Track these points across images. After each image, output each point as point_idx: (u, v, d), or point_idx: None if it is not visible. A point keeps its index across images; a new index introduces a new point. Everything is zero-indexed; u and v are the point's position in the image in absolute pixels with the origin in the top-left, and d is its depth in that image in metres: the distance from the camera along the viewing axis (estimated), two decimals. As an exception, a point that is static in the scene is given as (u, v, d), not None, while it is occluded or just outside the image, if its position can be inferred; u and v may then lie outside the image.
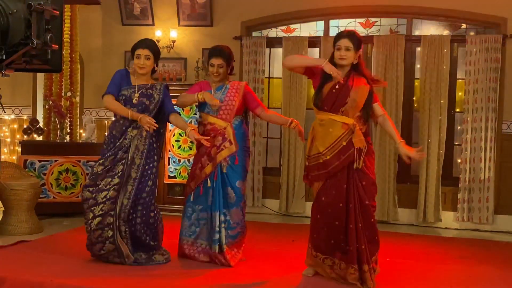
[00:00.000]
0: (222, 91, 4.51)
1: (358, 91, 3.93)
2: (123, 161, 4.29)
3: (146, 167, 4.33)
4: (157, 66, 4.55)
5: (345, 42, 3.91)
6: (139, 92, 4.37)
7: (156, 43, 4.62)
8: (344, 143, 3.88)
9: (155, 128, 4.23)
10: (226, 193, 4.41)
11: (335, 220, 3.91)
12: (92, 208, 4.25)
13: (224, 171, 4.41)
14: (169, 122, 4.54)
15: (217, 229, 4.38)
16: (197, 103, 4.53)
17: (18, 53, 1.66)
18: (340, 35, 3.98)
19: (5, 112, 7.43)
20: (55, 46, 1.72)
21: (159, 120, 4.40)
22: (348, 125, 3.90)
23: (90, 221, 4.25)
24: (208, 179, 4.45)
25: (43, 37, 1.66)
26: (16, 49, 1.67)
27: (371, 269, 3.88)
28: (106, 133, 4.48)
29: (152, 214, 4.35)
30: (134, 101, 4.34)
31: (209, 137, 4.34)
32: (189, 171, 4.67)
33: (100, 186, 4.27)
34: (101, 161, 4.32)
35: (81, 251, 4.58)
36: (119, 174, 4.27)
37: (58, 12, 1.70)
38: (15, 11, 1.63)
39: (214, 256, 4.40)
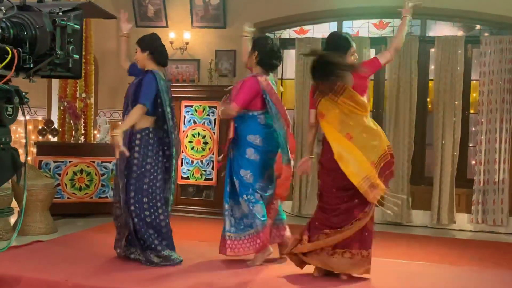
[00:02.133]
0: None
1: None
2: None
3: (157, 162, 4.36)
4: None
5: None
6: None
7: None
8: None
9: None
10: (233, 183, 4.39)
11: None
12: None
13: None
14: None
15: (224, 217, 4.37)
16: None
17: (44, 62, 1.92)
18: None
19: (30, 113, 7.50)
20: (76, 57, 1.98)
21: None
22: None
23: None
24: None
25: (65, 49, 1.93)
26: (42, 58, 1.93)
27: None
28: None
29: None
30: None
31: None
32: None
33: None
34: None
35: (95, 251, 4.63)
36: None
37: (78, 27, 1.98)
38: (41, 25, 1.89)
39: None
